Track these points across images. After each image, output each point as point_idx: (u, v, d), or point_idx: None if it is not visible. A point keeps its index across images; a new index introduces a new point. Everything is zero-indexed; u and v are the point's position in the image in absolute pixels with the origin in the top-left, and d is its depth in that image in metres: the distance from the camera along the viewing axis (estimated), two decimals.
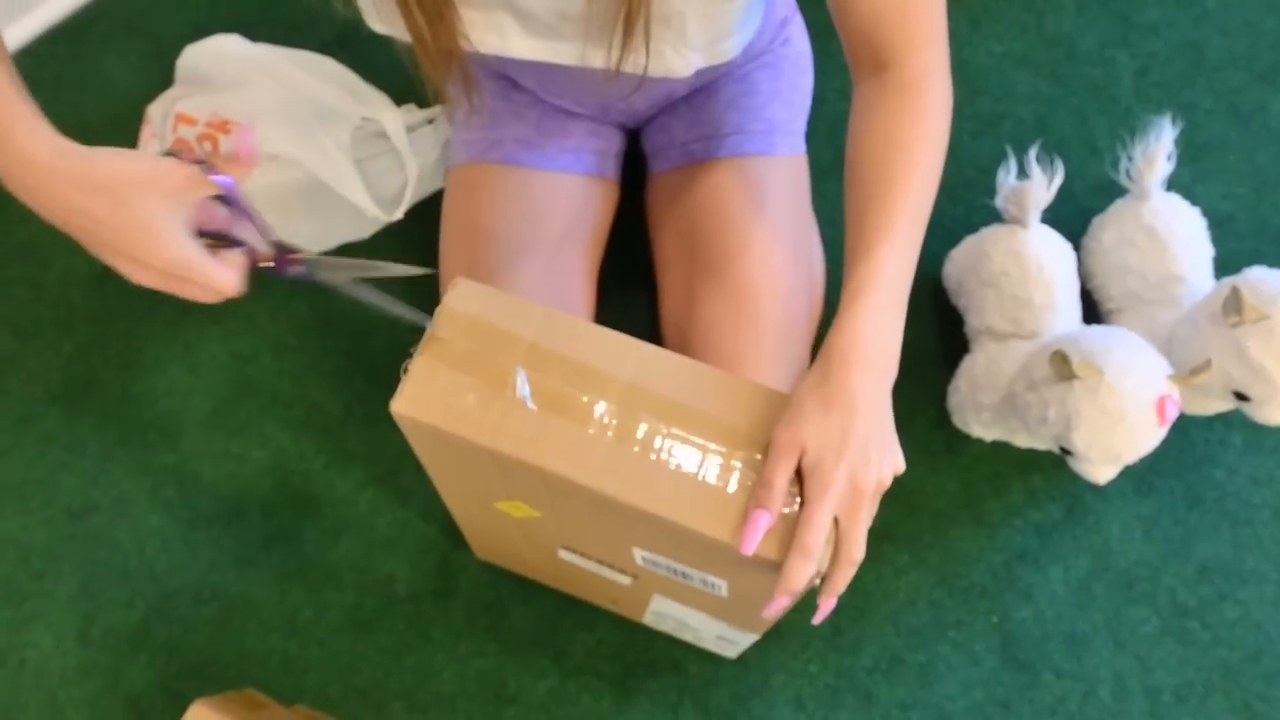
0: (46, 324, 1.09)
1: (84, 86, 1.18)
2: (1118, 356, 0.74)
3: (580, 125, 0.90)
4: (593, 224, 0.90)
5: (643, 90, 0.84)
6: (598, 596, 0.92)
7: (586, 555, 0.76)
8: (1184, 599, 0.95)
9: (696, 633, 0.88)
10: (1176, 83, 1.12)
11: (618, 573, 0.77)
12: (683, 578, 0.69)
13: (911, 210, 0.60)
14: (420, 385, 0.58)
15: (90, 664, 0.98)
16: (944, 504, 0.99)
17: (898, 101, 0.62)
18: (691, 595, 0.74)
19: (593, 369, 0.59)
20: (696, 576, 0.68)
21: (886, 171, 0.61)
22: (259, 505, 1.02)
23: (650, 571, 0.71)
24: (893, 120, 0.62)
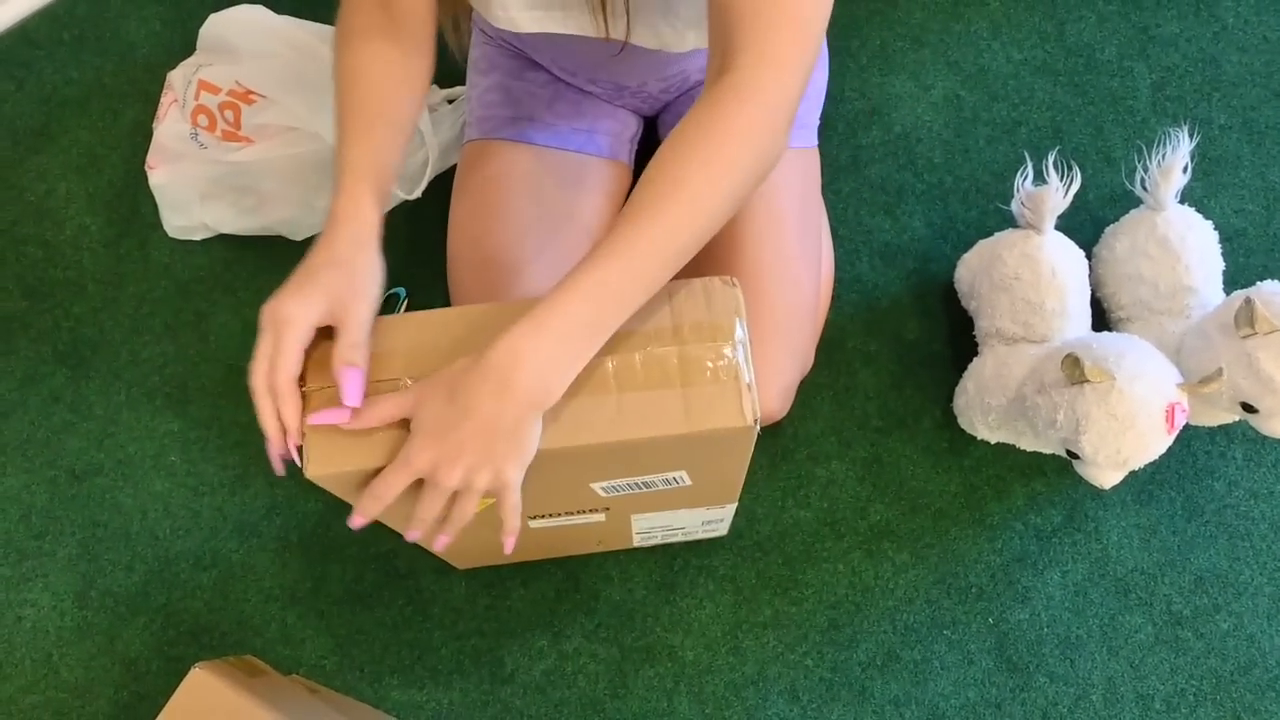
0: (58, 284, 1.09)
1: (104, 50, 1.17)
2: (1129, 362, 0.75)
3: (595, 106, 0.90)
4: (602, 205, 0.90)
5: (654, 69, 0.85)
6: (584, 546, 0.93)
7: (554, 514, 0.77)
8: (1179, 608, 0.96)
9: (685, 530, 0.90)
10: (1193, 97, 1.13)
11: (589, 514, 0.78)
12: (646, 488, 0.70)
13: (652, 240, 0.54)
14: (323, 441, 0.59)
15: (87, 625, 0.98)
16: (946, 504, 1.00)
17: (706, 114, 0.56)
18: (663, 499, 0.75)
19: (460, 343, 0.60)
20: (658, 480, 0.69)
21: (649, 190, 0.55)
22: (264, 475, 1.02)
23: (617, 496, 0.72)
24: (690, 135, 0.55)
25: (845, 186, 1.11)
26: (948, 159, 1.12)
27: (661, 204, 0.54)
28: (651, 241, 0.54)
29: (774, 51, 0.55)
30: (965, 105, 1.13)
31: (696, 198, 0.55)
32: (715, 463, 0.67)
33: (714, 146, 0.55)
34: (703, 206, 0.55)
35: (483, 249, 0.85)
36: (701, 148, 0.55)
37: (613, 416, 0.58)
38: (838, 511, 1.00)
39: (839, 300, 1.06)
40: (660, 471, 0.67)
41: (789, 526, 1.00)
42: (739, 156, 0.55)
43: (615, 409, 0.58)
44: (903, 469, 1.01)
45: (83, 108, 1.15)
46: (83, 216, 1.11)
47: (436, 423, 0.55)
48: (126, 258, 1.10)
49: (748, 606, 0.97)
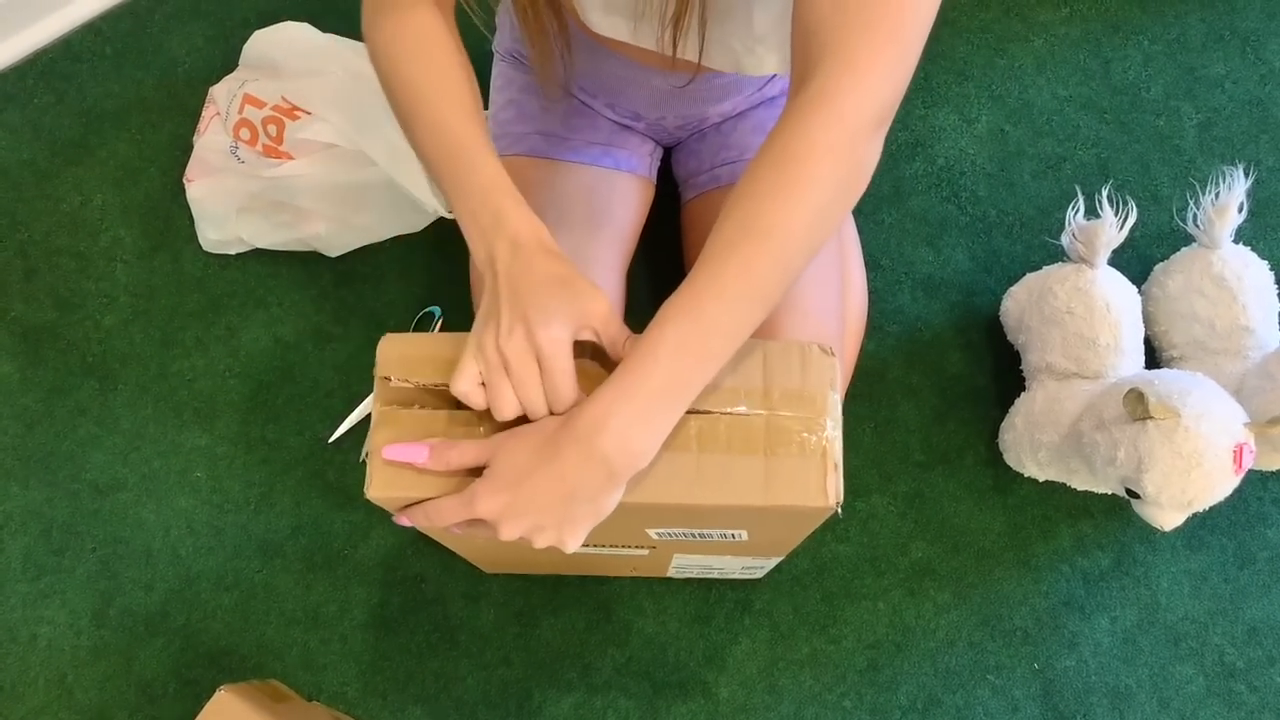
0: (90, 296, 1.08)
1: (146, 64, 1.17)
2: (1196, 399, 0.73)
3: (609, 125, 0.89)
4: (621, 217, 0.87)
5: (677, 105, 0.84)
6: (617, 570, 0.90)
7: (599, 545, 0.74)
8: (1232, 659, 0.93)
9: (722, 570, 0.87)
10: (1240, 138, 1.12)
11: (634, 549, 0.75)
12: (701, 539, 0.67)
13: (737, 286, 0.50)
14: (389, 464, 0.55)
15: (104, 645, 0.95)
16: (989, 544, 0.97)
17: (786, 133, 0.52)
18: (712, 547, 0.72)
19: None
20: (716, 534, 0.66)
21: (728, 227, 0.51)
22: (290, 493, 1.00)
23: (668, 541, 0.70)
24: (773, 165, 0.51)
25: (887, 217, 1.10)
26: (992, 192, 1.10)
27: (743, 243, 0.50)
28: (736, 287, 0.50)
29: (859, 56, 0.50)
30: (1010, 139, 1.13)
31: (779, 231, 0.50)
32: (780, 530, 0.64)
33: (794, 170, 0.50)
34: (789, 239, 0.50)
35: None
36: (781, 173, 0.50)
37: (691, 478, 0.54)
38: (878, 548, 0.97)
39: (880, 331, 1.05)
40: (721, 528, 0.65)
41: (828, 561, 0.97)
42: (824, 177, 0.50)
43: (694, 470, 0.54)
44: (945, 506, 0.99)
45: (122, 121, 1.15)
46: (117, 228, 1.11)
47: (515, 474, 0.52)
48: (159, 270, 1.09)
49: (784, 644, 0.94)
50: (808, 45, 0.52)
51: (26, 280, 1.09)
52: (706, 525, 0.64)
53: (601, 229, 0.86)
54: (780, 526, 0.63)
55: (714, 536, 0.67)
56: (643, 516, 0.61)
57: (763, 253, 0.50)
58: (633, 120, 0.89)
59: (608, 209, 0.87)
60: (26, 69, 1.17)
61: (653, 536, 0.68)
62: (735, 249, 0.50)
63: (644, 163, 0.92)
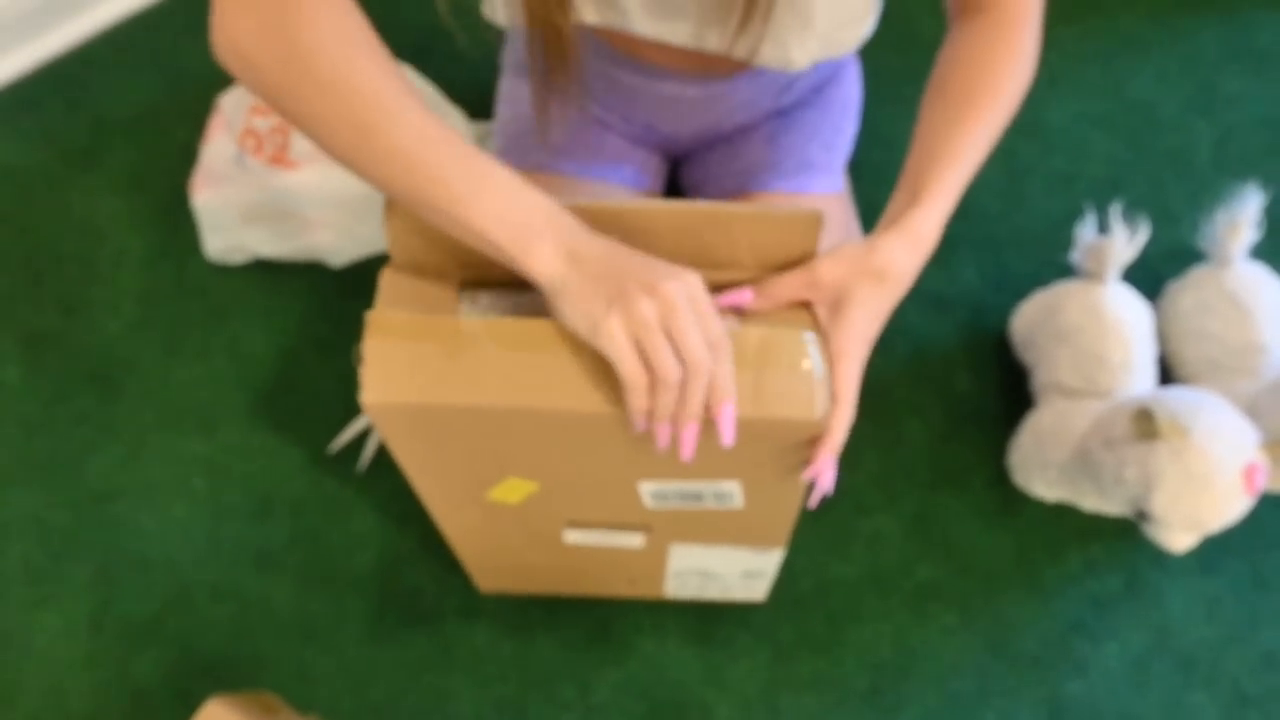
0: (95, 302, 1.08)
1: (157, 74, 1.18)
2: (1206, 419, 0.71)
3: (617, 140, 0.89)
4: None
5: (693, 118, 0.83)
6: (615, 582, 0.88)
7: (593, 524, 0.72)
8: (1247, 687, 0.90)
9: (722, 580, 0.85)
10: (1256, 155, 1.10)
11: (629, 533, 0.73)
12: (695, 501, 0.66)
13: (988, 134, 0.62)
14: (382, 367, 0.54)
15: (99, 653, 0.94)
16: (997, 565, 0.95)
17: (994, 34, 0.64)
18: (708, 524, 0.71)
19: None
20: (709, 492, 0.64)
21: (973, 92, 0.62)
22: (288, 504, 0.99)
23: (661, 511, 0.68)
24: (987, 49, 0.64)
25: None
26: (1002, 209, 1.09)
27: (980, 108, 0.61)
28: (983, 142, 0.61)
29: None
30: (1020, 156, 1.11)
31: (1006, 103, 0.62)
32: (770, 481, 0.63)
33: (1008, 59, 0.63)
34: (1007, 112, 0.63)
35: None
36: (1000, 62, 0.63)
37: None
38: (882, 568, 0.95)
39: (887, 349, 1.03)
40: (713, 479, 0.64)
41: (831, 582, 0.95)
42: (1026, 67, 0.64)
43: None
44: (951, 527, 0.97)
45: (132, 129, 1.16)
46: (124, 236, 1.11)
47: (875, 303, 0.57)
48: (164, 278, 1.09)
49: (786, 665, 0.92)
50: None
51: (33, 286, 1.09)
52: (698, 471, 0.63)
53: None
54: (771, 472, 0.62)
55: (707, 497, 0.65)
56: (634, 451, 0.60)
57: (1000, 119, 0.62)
58: (645, 133, 0.88)
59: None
60: (40, 77, 1.18)
61: (647, 501, 0.66)
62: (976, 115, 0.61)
63: (652, 177, 0.91)
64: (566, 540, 0.76)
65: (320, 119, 0.52)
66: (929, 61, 1.17)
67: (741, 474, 0.63)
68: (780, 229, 0.57)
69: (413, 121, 0.52)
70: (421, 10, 1.22)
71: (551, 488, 0.67)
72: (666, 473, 0.63)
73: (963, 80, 0.63)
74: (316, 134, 0.53)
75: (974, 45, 0.64)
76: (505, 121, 0.90)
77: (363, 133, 0.52)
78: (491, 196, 0.52)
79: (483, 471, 0.65)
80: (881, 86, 1.15)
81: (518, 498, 0.68)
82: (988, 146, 0.62)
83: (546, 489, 0.67)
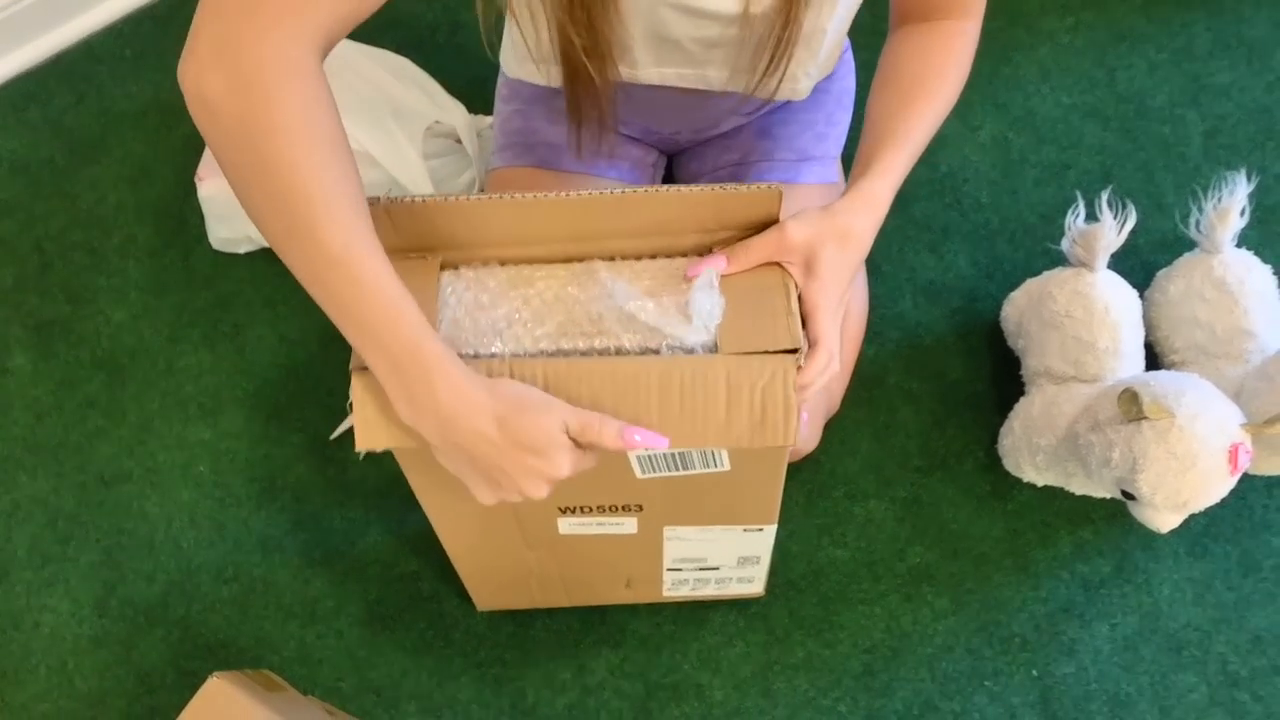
0: (101, 291, 1.10)
1: (164, 66, 1.20)
2: (1190, 400, 0.72)
3: (615, 137, 0.90)
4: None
5: (695, 119, 0.85)
6: (612, 588, 0.90)
7: (587, 508, 0.74)
8: (1235, 668, 0.91)
9: (719, 573, 0.86)
10: (1246, 145, 1.11)
11: (622, 516, 0.75)
12: (684, 465, 0.67)
13: (933, 119, 0.68)
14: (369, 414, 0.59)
15: (104, 634, 0.96)
16: (988, 549, 0.96)
17: (935, 38, 0.70)
18: (698, 499, 0.72)
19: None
20: (696, 454, 0.66)
21: (919, 81, 0.68)
22: (291, 489, 1.01)
23: (652, 483, 0.69)
24: (930, 47, 0.70)
25: (889, 223, 1.08)
26: (994, 199, 1.10)
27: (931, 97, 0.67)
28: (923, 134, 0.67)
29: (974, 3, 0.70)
30: (1013, 147, 1.13)
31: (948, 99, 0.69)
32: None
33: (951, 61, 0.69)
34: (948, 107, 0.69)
35: None
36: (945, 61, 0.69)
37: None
38: (875, 552, 0.97)
39: (880, 337, 1.05)
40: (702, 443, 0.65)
41: (824, 565, 0.96)
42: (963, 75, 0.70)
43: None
44: (943, 511, 0.98)
45: (139, 121, 1.18)
46: (130, 226, 1.13)
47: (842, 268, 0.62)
48: (170, 268, 1.11)
49: (780, 647, 0.94)
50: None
51: (41, 274, 1.11)
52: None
53: None
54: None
55: (695, 463, 0.67)
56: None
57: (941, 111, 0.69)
58: (643, 134, 0.90)
59: None
60: (49, 69, 1.20)
61: (637, 470, 0.68)
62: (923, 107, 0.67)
63: (648, 172, 0.93)
64: (561, 530, 0.77)
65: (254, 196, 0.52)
66: None
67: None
68: (742, 203, 0.61)
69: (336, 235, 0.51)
70: (426, 5, 1.24)
71: None
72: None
73: (909, 72, 0.69)
74: (247, 205, 0.53)
75: (917, 43, 0.70)
76: (504, 119, 0.92)
77: (289, 230, 0.51)
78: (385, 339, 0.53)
79: None
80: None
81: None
82: (931, 129, 0.68)
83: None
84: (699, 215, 0.62)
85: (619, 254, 0.65)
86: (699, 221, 0.62)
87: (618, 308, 0.61)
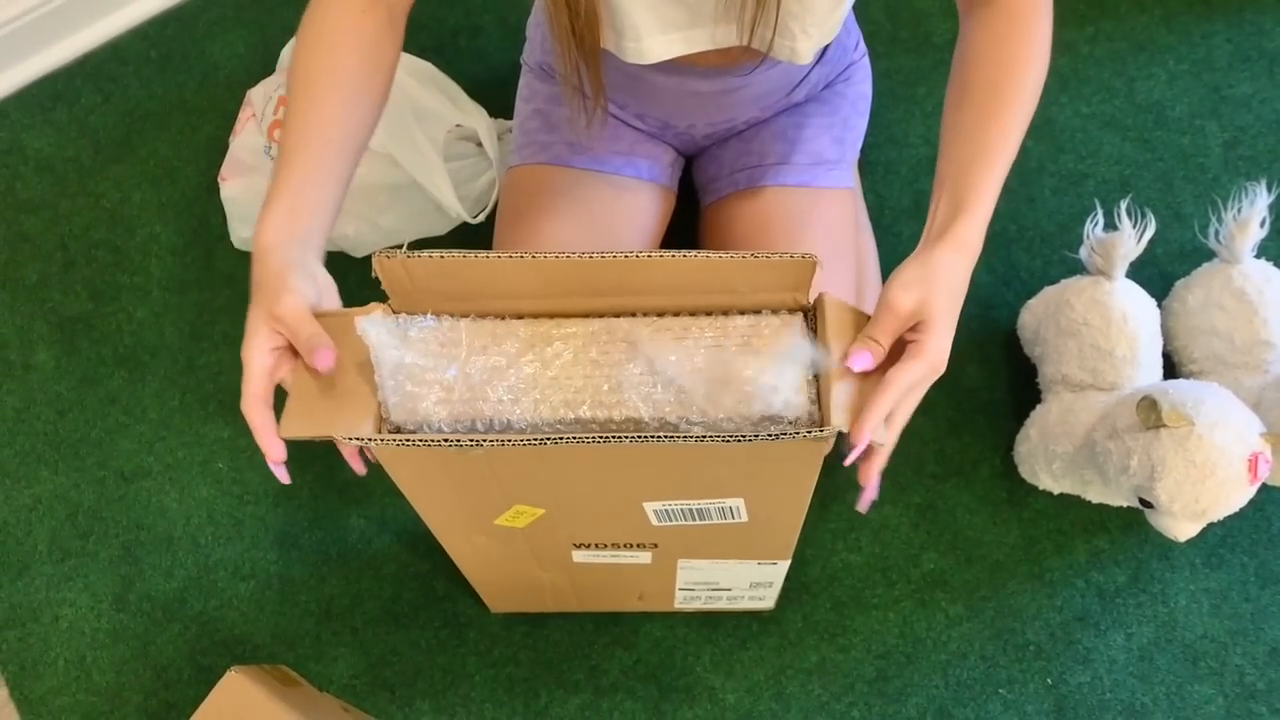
0: (124, 289, 1.11)
1: (188, 68, 1.22)
2: (1210, 408, 0.72)
3: (633, 134, 0.91)
4: (642, 225, 0.89)
5: (712, 111, 0.85)
6: (624, 599, 0.90)
7: (601, 544, 0.74)
8: (1252, 680, 0.91)
9: (730, 594, 0.86)
10: (1266, 157, 1.11)
11: (636, 551, 0.75)
12: (700, 519, 0.67)
13: (1019, 127, 0.65)
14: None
15: (123, 628, 0.97)
16: (1003, 556, 0.96)
17: (1008, 26, 0.65)
18: (714, 539, 0.72)
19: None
20: (713, 509, 0.66)
21: (997, 91, 0.64)
22: (309, 487, 1.02)
23: (668, 529, 0.69)
24: (1004, 43, 0.65)
25: (906, 230, 1.10)
26: (1012, 207, 1.11)
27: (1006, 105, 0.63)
28: (1014, 140, 0.64)
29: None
30: (1031, 155, 1.13)
31: (1030, 95, 0.65)
32: (771, 493, 0.64)
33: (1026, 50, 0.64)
34: (1032, 104, 0.65)
35: None
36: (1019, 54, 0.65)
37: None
38: (889, 558, 0.97)
39: None
40: (717, 497, 0.65)
41: (838, 570, 0.97)
42: (1044, 56, 0.66)
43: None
44: (959, 517, 0.98)
45: (163, 122, 1.19)
46: (154, 225, 1.14)
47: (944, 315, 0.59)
48: (192, 266, 1.12)
49: (793, 651, 0.94)
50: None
51: (65, 272, 1.12)
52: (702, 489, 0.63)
53: (623, 237, 0.88)
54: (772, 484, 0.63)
55: (712, 514, 0.66)
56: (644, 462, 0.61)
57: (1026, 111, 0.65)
58: (661, 130, 0.90)
59: (629, 217, 0.88)
60: (75, 70, 1.22)
61: (652, 519, 0.68)
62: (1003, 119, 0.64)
63: (665, 172, 0.93)
64: (575, 560, 0.77)
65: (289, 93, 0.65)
66: (940, 62, 1.19)
67: (744, 491, 0.64)
68: (775, 271, 0.57)
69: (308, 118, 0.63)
70: (448, 9, 1.25)
71: (557, 512, 0.68)
72: (671, 493, 0.64)
73: (985, 79, 0.65)
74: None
75: (990, 40, 0.66)
76: (524, 118, 0.93)
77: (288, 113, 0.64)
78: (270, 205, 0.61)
79: (488, 502, 0.66)
80: (895, 86, 1.17)
81: (525, 522, 0.69)
82: (1018, 140, 0.64)
83: (552, 514, 0.68)
84: (728, 279, 0.58)
85: (640, 311, 0.60)
86: (726, 284, 0.59)
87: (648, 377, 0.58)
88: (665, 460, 0.58)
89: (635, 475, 0.62)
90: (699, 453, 0.56)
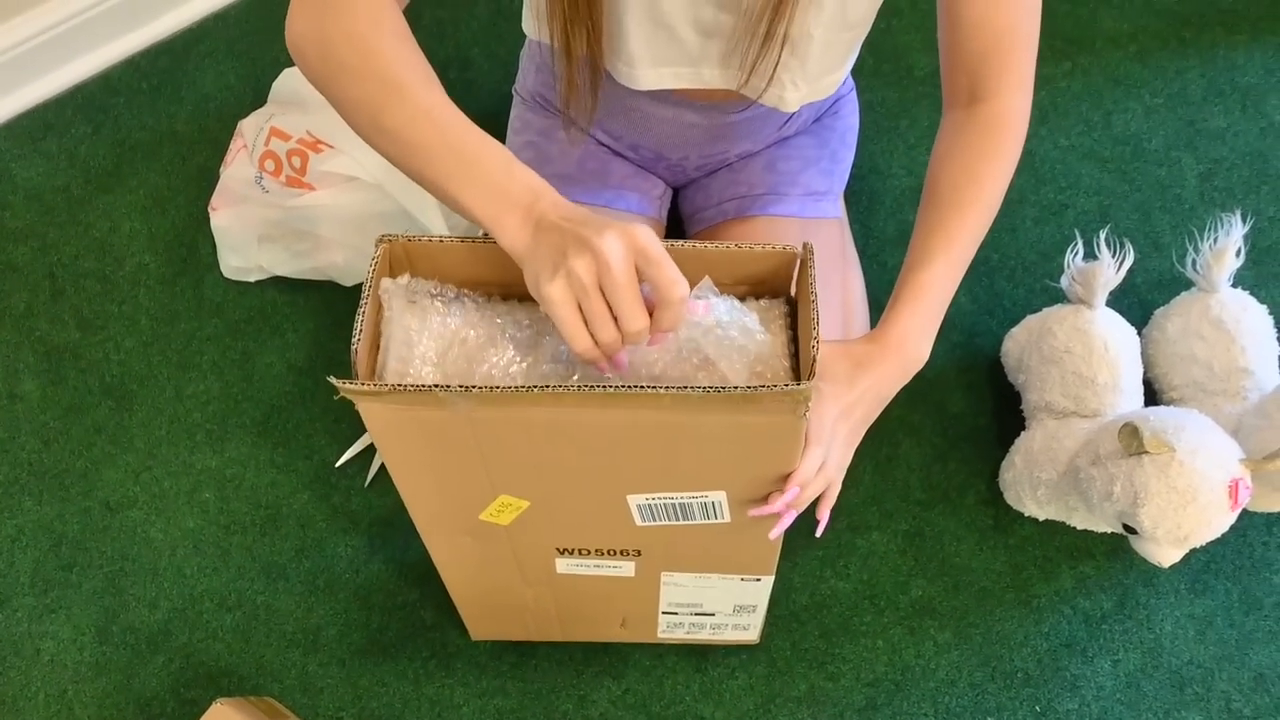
0: (112, 318, 1.11)
1: (179, 99, 1.23)
2: (1190, 435, 0.73)
3: (623, 167, 0.92)
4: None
5: (704, 145, 0.87)
6: (607, 626, 0.90)
7: (585, 551, 0.74)
8: (1239, 707, 0.91)
9: (714, 619, 0.86)
10: (1241, 189, 1.13)
11: (620, 560, 0.75)
12: (684, 516, 0.68)
13: (975, 234, 0.69)
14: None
15: (105, 661, 0.96)
16: (990, 583, 0.97)
17: (980, 137, 0.69)
18: (697, 544, 0.72)
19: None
20: (696, 505, 0.66)
21: (958, 197, 0.69)
22: (296, 517, 1.01)
23: (651, 531, 0.69)
24: (974, 153, 0.69)
25: (891, 259, 1.11)
26: (994, 237, 1.12)
27: (964, 212, 0.68)
28: (964, 245, 0.68)
29: (1020, 76, 0.69)
30: (1013, 187, 1.12)
31: (987, 207, 0.69)
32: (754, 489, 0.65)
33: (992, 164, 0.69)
34: (989, 214, 0.70)
35: None
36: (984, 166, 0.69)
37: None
38: (877, 585, 0.97)
39: None
40: (700, 490, 0.66)
41: (826, 598, 0.97)
42: (1008, 171, 0.70)
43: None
44: (945, 544, 0.98)
45: (153, 152, 1.20)
46: (143, 254, 1.14)
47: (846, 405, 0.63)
48: (181, 296, 1.12)
49: (781, 679, 0.94)
50: (974, 63, 0.69)
51: (53, 301, 1.12)
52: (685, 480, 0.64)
53: None
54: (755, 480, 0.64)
55: (695, 512, 0.67)
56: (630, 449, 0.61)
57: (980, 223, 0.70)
58: (653, 162, 0.92)
59: None
60: (66, 100, 1.23)
61: (636, 517, 0.68)
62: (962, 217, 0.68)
63: (655, 204, 0.95)
64: (559, 570, 0.78)
65: (343, 101, 0.59)
66: (922, 95, 1.21)
67: (726, 484, 0.65)
68: (757, 261, 0.61)
69: (419, 104, 0.57)
70: (437, 42, 1.27)
71: (542, 506, 0.68)
72: (654, 484, 0.65)
73: (949, 185, 0.69)
74: (343, 115, 0.60)
75: (961, 148, 0.70)
76: (515, 150, 0.94)
77: (373, 114, 0.58)
78: (475, 176, 0.56)
79: (474, 488, 0.66)
80: (879, 119, 1.19)
81: (509, 518, 0.70)
82: (973, 245, 0.69)
83: (537, 507, 0.68)
84: (712, 271, 0.61)
85: None
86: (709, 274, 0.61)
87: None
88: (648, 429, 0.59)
89: (619, 450, 0.62)
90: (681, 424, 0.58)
